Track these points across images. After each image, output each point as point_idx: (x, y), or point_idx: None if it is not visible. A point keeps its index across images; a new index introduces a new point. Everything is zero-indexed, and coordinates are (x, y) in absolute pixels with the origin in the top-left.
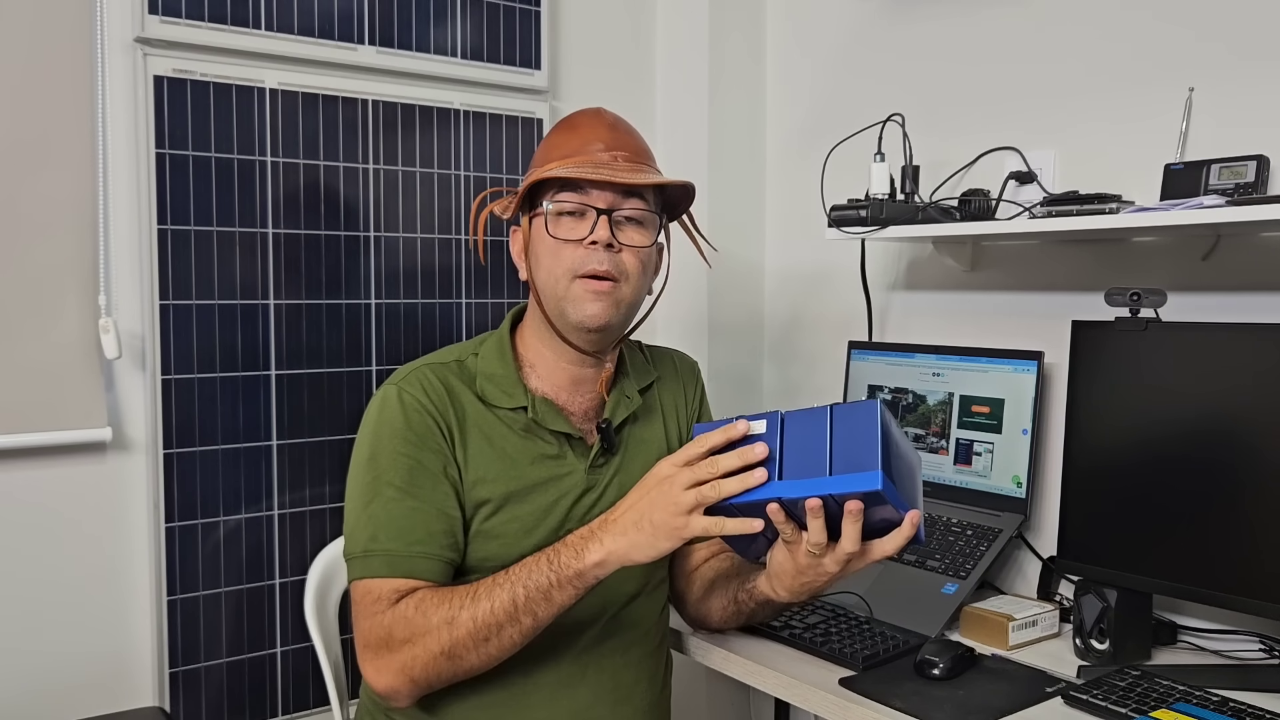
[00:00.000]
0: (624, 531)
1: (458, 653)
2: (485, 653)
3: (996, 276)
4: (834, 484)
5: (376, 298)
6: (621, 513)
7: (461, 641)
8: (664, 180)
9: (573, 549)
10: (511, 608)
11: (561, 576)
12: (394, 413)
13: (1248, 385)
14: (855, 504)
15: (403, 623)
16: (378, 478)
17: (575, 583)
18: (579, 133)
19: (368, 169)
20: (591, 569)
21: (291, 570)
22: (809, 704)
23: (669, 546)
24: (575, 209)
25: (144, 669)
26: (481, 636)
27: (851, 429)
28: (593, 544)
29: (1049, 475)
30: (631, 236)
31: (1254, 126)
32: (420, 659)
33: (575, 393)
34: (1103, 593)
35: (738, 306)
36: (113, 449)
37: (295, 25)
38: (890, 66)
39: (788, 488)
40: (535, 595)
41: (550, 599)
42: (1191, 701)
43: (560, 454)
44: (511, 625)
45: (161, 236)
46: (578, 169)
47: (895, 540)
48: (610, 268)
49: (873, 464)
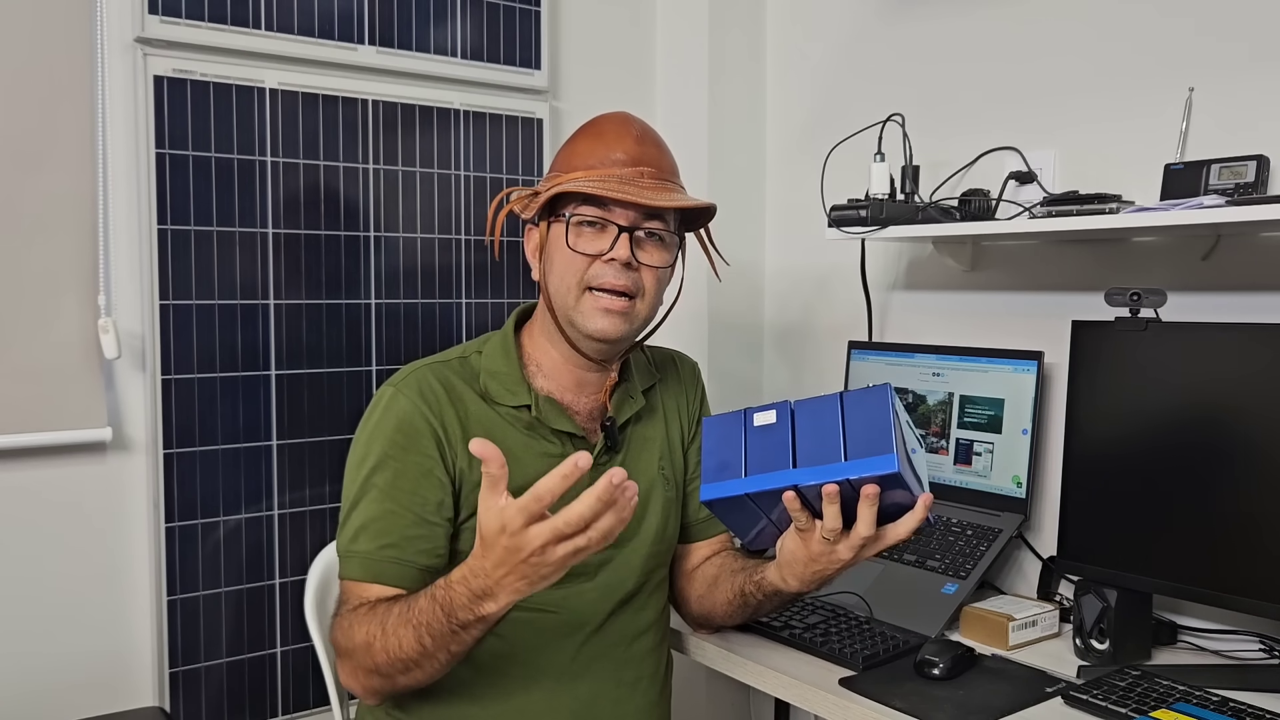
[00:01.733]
0: (515, 589)
1: (386, 673)
2: (415, 678)
3: (996, 276)
4: (850, 468)
5: (376, 298)
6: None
7: (384, 666)
8: (687, 203)
9: (464, 604)
10: (419, 648)
11: (461, 624)
12: (386, 415)
13: (1248, 385)
14: (872, 487)
15: (345, 634)
16: (365, 479)
17: (478, 626)
18: (605, 141)
19: (368, 169)
20: (491, 616)
21: (291, 570)
22: (809, 704)
23: (557, 576)
24: (597, 221)
25: (144, 669)
26: (400, 668)
27: (864, 414)
28: (487, 603)
29: (1049, 475)
30: (651, 255)
31: (1254, 126)
32: (362, 669)
33: (580, 393)
34: (1103, 593)
35: (738, 306)
36: (113, 449)
37: (295, 25)
38: (890, 66)
39: (804, 475)
40: (440, 638)
41: (457, 638)
42: (1191, 701)
43: (564, 452)
44: (429, 661)
45: (161, 236)
46: (603, 185)
47: (909, 523)
48: (628, 284)
49: (888, 447)
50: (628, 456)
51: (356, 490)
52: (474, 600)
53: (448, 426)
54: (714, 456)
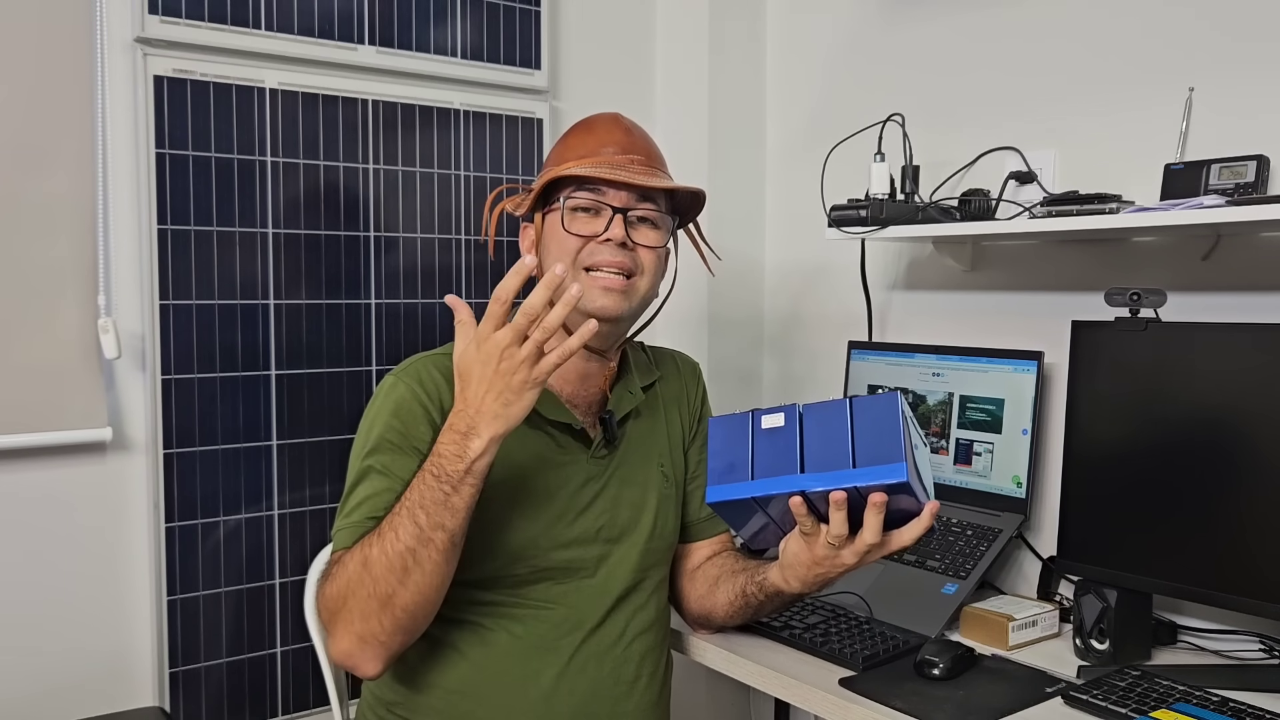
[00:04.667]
0: (494, 413)
1: (383, 591)
2: (413, 584)
3: (996, 276)
4: (859, 476)
5: (377, 298)
6: (481, 398)
7: (382, 579)
8: (679, 185)
9: (452, 454)
10: (416, 529)
11: (453, 481)
12: (385, 401)
13: (1248, 385)
14: (879, 496)
15: (333, 584)
16: (363, 459)
17: (468, 480)
18: (596, 134)
19: (368, 169)
20: (478, 460)
21: (291, 570)
22: (809, 704)
23: (534, 396)
24: (591, 206)
25: (144, 669)
26: (400, 567)
27: (873, 421)
28: (472, 439)
29: (1049, 475)
30: (645, 235)
31: (1254, 127)
32: (356, 611)
33: (580, 386)
34: (1103, 593)
35: (738, 306)
36: (113, 449)
37: (295, 25)
38: (890, 66)
39: (812, 480)
40: (434, 509)
41: (450, 505)
42: (1191, 701)
43: (561, 443)
44: (424, 546)
45: (162, 236)
46: (595, 168)
47: (914, 530)
48: (625, 261)
49: (898, 456)
50: (626, 452)
51: (356, 473)
52: (460, 442)
53: (446, 412)
54: (720, 458)
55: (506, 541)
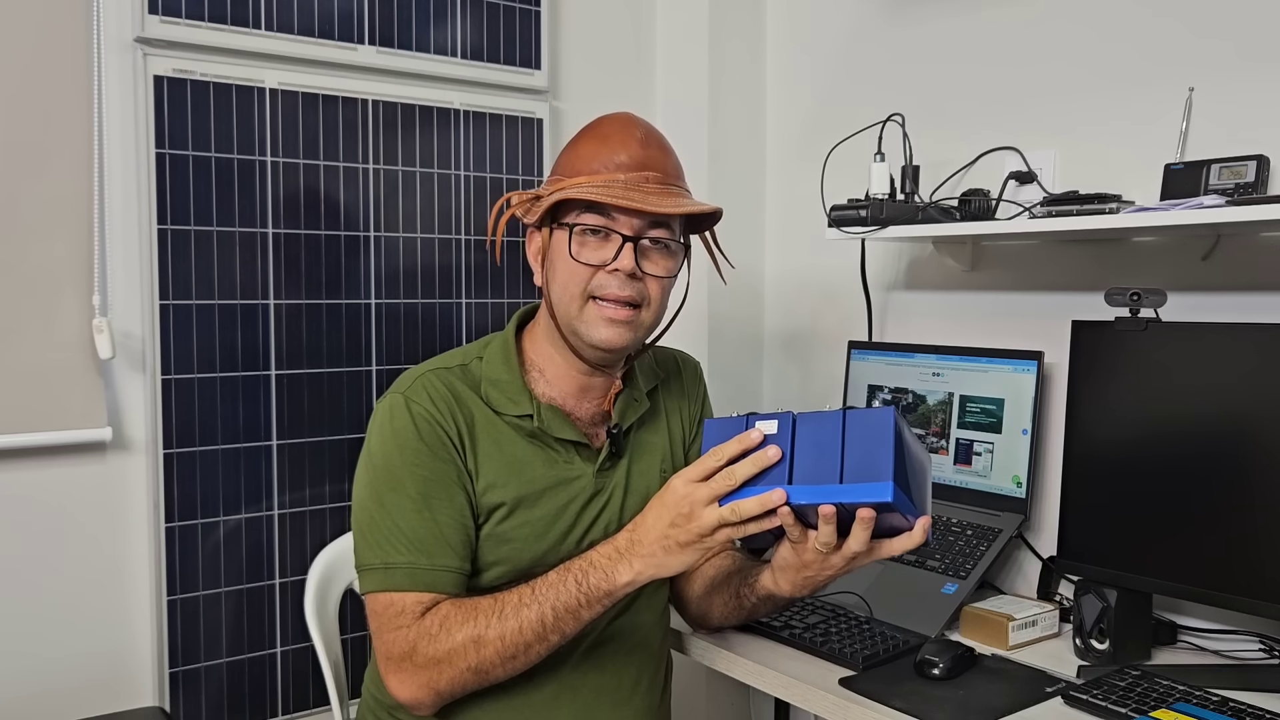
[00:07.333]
0: (652, 554)
1: (484, 669)
2: (513, 667)
3: (996, 276)
4: (845, 492)
5: (376, 298)
6: (646, 533)
7: (489, 659)
8: (692, 209)
9: (601, 571)
10: (540, 627)
11: (591, 597)
12: (405, 423)
13: (1248, 385)
14: (867, 511)
15: (427, 639)
16: (394, 489)
17: (604, 601)
18: (609, 144)
19: (368, 169)
20: (622, 589)
21: (291, 570)
22: (809, 704)
23: (696, 560)
24: (600, 230)
25: (144, 669)
26: (509, 654)
27: (865, 436)
28: (622, 566)
29: (1049, 475)
30: (656, 264)
31: (1254, 126)
32: (447, 675)
33: (583, 398)
34: (1103, 593)
35: (738, 305)
36: (113, 449)
37: (295, 25)
38: (890, 66)
39: (799, 493)
40: (564, 614)
41: (578, 617)
42: (1191, 701)
43: (568, 458)
44: (540, 643)
45: (161, 236)
46: (605, 191)
47: (903, 543)
48: (632, 294)
49: (886, 474)
50: (631, 460)
51: (381, 500)
52: (614, 560)
53: (461, 431)
54: None
55: (515, 559)
